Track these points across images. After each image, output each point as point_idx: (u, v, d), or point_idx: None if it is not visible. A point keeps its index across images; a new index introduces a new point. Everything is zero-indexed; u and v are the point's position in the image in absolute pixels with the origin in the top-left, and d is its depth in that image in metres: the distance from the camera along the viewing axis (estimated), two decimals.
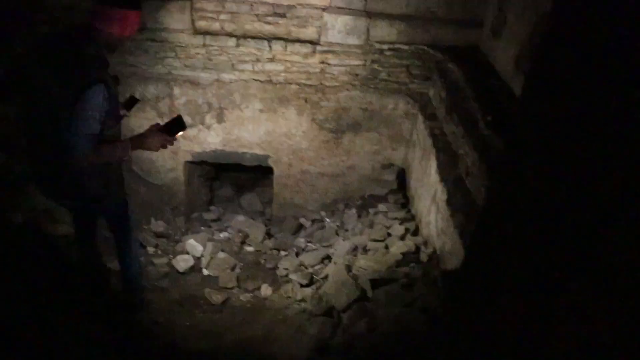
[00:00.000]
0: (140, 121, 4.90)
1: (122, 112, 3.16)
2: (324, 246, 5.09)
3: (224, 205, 6.00)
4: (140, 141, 2.91)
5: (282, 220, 5.50)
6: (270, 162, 5.24)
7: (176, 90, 4.89)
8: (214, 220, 5.66)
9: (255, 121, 5.02)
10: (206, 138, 5.14)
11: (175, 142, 3.00)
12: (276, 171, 5.29)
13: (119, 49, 2.87)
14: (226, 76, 4.82)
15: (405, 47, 4.58)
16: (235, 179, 6.36)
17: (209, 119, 5.05)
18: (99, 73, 2.65)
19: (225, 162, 5.28)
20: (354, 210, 5.12)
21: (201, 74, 4.82)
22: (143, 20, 4.47)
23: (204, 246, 5.04)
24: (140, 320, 3.59)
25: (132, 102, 3.41)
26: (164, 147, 2.93)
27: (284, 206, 5.49)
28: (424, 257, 3.90)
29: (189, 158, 5.23)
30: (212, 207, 5.96)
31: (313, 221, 5.40)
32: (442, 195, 3.80)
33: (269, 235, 5.42)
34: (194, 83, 4.87)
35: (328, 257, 4.72)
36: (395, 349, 2.94)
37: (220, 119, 5.04)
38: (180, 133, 2.94)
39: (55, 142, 2.66)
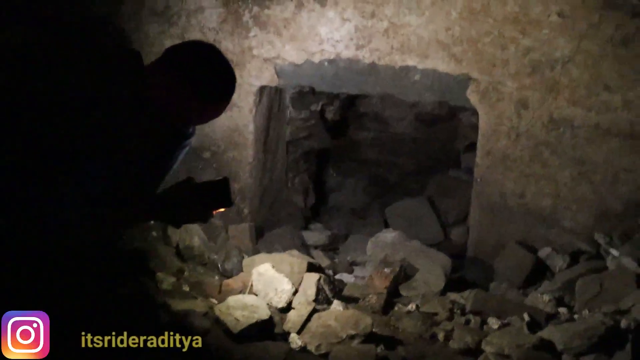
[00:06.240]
0: None
1: None
2: (607, 314, 2.44)
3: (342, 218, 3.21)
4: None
5: (490, 249, 2.80)
6: (472, 94, 2.62)
7: None
8: (320, 246, 3.21)
9: None
10: (315, 27, 2.65)
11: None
12: (485, 117, 2.67)
13: None
14: None
15: None
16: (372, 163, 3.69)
17: None
18: None
19: (357, 91, 2.98)
20: None
21: None
22: None
23: (295, 283, 2.37)
24: None
25: None
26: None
27: (497, 214, 2.78)
28: None
29: (270, 79, 2.76)
30: (314, 226, 3.14)
31: (574, 254, 2.72)
32: None
33: (456, 280, 2.67)
34: None
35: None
36: None
37: None
38: (221, 210, 1.91)
39: None
